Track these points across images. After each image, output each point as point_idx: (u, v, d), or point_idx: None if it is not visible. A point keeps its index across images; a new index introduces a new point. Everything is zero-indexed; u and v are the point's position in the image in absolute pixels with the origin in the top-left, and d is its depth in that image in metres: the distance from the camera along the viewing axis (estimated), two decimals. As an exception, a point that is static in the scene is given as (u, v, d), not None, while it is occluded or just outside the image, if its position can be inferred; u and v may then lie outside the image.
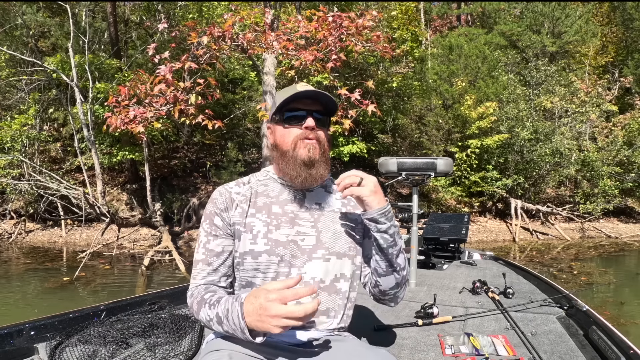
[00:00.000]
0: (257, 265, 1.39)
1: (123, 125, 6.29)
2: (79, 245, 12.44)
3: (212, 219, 1.47)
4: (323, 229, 1.46)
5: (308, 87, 1.45)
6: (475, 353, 2.03)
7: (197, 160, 16.87)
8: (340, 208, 1.53)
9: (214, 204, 1.48)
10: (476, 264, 4.34)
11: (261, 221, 1.43)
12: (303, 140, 1.43)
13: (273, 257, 1.38)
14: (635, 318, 6.47)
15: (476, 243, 13.98)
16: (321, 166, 1.45)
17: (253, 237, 1.40)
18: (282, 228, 1.42)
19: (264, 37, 6.64)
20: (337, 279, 1.44)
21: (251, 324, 1.18)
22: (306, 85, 1.47)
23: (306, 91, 1.42)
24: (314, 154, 1.42)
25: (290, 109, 1.46)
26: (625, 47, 24.90)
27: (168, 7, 15.81)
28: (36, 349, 1.93)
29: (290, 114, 1.46)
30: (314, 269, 1.41)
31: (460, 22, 32.08)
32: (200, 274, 1.45)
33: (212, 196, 1.51)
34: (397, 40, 15.27)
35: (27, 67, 13.22)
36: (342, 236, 1.47)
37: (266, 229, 1.41)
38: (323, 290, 1.42)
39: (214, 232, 1.46)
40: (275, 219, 1.43)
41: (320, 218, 1.48)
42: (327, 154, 1.48)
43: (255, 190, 1.51)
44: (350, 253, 1.48)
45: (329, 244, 1.44)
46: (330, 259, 1.43)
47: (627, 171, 16.58)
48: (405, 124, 16.58)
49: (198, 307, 1.35)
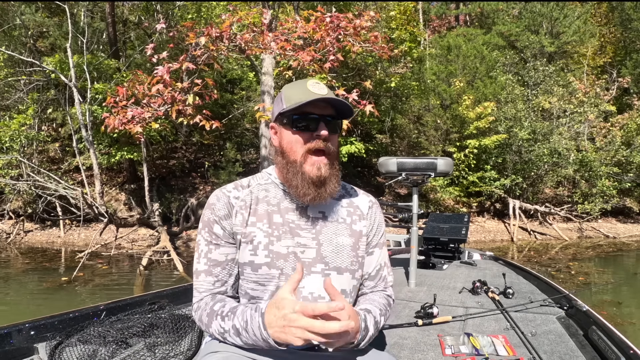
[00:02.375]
0: (256, 277, 1.33)
1: (121, 126, 6.29)
2: (77, 245, 12.42)
3: (212, 227, 1.36)
4: (324, 242, 1.37)
5: (320, 86, 1.34)
6: (475, 353, 2.03)
7: (195, 160, 16.86)
8: (345, 218, 1.44)
9: (211, 211, 1.37)
10: (476, 264, 4.34)
11: (262, 231, 1.34)
12: (313, 156, 1.32)
13: (273, 270, 1.31)
14: (633, 318, 6.49)
15: (474, 243, 13.99)
16: (332, 182, 1.35)
17: (253, 249, 1.33)
18: (282, 239, 1.34)
19: (262, 38, 6.64)
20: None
21: (273, 335, 1.13)
22: (317, 83, 1.35)
23: (323, 98, 1.30)
24: (325, 173, 1.32)
25: (301, 111, 1.33)
26: (623, 47, 24.92)
27: (166, 7, 15.79)
28: (36, 348, 1.92)
29: (300, 118, 1.33)
30: (313, 283, 1.34)
31: (458, 22, 32.11)
32: (204, 285, 1.36)
33: (209, 201, 1.39)
34: (396, 40, 15.29)
35: (26, 67, 13.19)
36: (344, 250, 1.39)
37: (267, 240, 1.33)
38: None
39: (215, 241, 1.36)
40: (277, 229, 1.35)
41: (323, 230, 1.38)
42: (337, 163, 1.39)
43: (256, 195, 1.41)
44: (352, 267, 1.40)
45: (329, 258, 1.36)
46: (330, 274, 1.35)
47: (625, 171, 16.61)
48: (404, 124, 16.60)
49: (209, 319, 1.28)
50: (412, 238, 3.55)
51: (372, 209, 1.51)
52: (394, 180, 3.59)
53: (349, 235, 1.42)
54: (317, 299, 1.34)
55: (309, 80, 1.35)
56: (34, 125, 13.66)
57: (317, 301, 1.33)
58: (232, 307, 1.26)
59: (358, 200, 1.51)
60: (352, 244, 1.41)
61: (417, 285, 3.54)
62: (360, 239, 1.44)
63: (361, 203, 1.50)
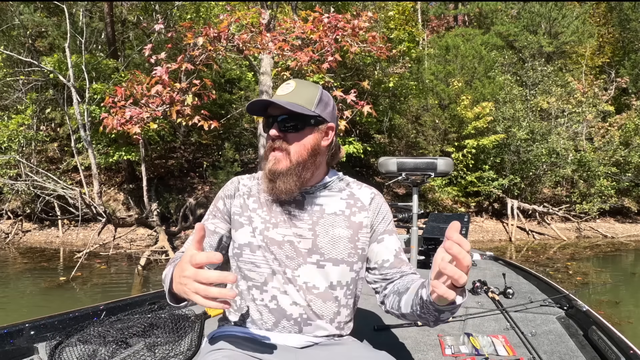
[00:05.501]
0: (254, 258, 1.40)
1: (119, 126, 6.29)
2: (76, 245, 12.41)
3: (217, 201, 1.53)
4: (320, 233, 1.40)
5: (288, 87, 1.40)
6: (475, 353, 2.03)
7: (194, 160, 16.84)
8: (343, 210, 1.45)
9: (223, 189, 1.54)
10: (476, 264, 4.34)
11: (260, 217, 1.43)
12: (271, 151, 1.40)
13: (267, 254, 1.38)
14: (631, 317, 6.51)
15: (473, 243, 14.00)
16: (287, 180, 1.36)
17: (252, 231, 1.42)
18: (279, 227, 1.40)
19: (260, 38, 6.65)
20: (334, 286, 1.39)
21: (176, 287, 1.12)
22: (287, 83, 1.42)
23: (255, 101, 1.37)
24: (275, 167, 1.36)
25: (266, 114, 1.43)
26: (621, 47, 24.97)
27: (165, 7, 15.77)
28: (36, 348, 1.92)
29: (265, 120, 1.44)
30: (307, 273, 1.38)
31: (457, 22, 32.12)
32: (187, 243, 1.43)
33: (226, 184, 1.56)
34: (394, 40, 15.29)
35: (24, 67, 13.15)
36: (341, 241, 1.40)
37: (263, 225, 1.41)
38: (317, 296, 1.37)
39: (214, 212, 1.51)
40: (274, 217, 1.42)
41: (319, 221, 1.41)
42: (301, 164, 1.37)
43: (262, 187, 1.47)
44: (350, 259, 1.41)
45: (325, 249, 1.39)
46: (325, 265, 1.38)
47: (623, 171, 16.64)
48: (402, 124, 16.61)
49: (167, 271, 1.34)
50: (412, 238, 3.55)
51: (375, 199, 1.52)
52: (394, 181, 3.59)
53: (347, 227, 1.43)
54: (312, 289, 1.38)
55: (285, 82, 1.43)
56: (32, 125, 13.62)
57: (312, 291, 1.38)
58: (175, 258, 1.39)
59: (360, 192, 1.52)
60: (350, 236, 1.42)
61: (417, 285, 3.53)
62: (361, 230, 1.44)
63: (362, 195, 1.51)
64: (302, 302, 1.36)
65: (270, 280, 1.38)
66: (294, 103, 1.34)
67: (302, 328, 1.37)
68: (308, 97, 1.38)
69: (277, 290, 1.37)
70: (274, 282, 1.38)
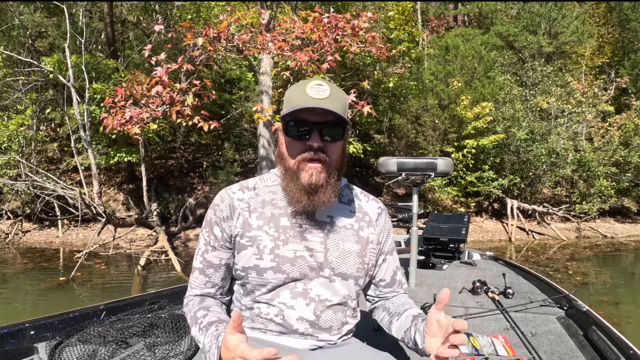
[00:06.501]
0: (262, 281, 1.32)
1: (119, 126, 6.29)
2: (76, 245, 12.40)
3: (212, 227, 1.37)
4: (331, 247, 1.35)
5: (322, 88, 1.25)
6: (475, 353, 2.03)
7: (193, 160, 16.84)
8: (352, 224, 1.41)
9: (214, 211, 1.37)
10: (476, 264, 4.34)
11: (268, 235, 1.32)
12: (308, 163, 1.27)
13: (279, 275, 1.31)
14: (630, 317, 6.50)
15: (472, 243, 13.99)
16: (327, 191, 1.28)
17: (259, 253, 1.31)
18: (290, 243, 1.32)
19: (260, 38, 6.65)
20: (342, 300, 1.38)
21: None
22: (319, 84, 1.26)
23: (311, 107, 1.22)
24: (317, 180, 1.26)
25: (295, 118, 1.27)
26: (621, 47, 24.99)
27: (165, 8, 15.76)
28: (36, 348, 1.92)
29: (294, 125, 1.28)
30: (317, 288, 1.34)
31: (457, 22, 32.14)
32: (196, 282, 1.39)
33: (214, 201, 1.39)
34: (394, 40, 15.29)
35: (24, 67, 13.15)
36: (350, 256, 1.37)
37: (273, 244, 1.32)
38: (325, 310, 1.35)
39: (213, 242, 1.37)
40: (284, 232, 1.33)
41: (330, 234, 1.36)
42: (336, 173, 1.32)
43: (262, 198, 1.38)
44: (357, 274, 1.39)
45: (335, 263, 1.35)
46: (335, 280, 1.35)
47: (623, 171, 16.66)
48: (402, 124, 16.62)
49: (190, 322, 1.31)
50: (412, 238, 3.54)
51: (382, 215, 1.50)
52: (394, 181, 3.59)
53: (356, 241, 1.40)
54: (320, 303, 1.35)
55: (311, 82, 1.27)
56: (32, 126, 13.62)
57: (320, 306, 1.35)
58: (208, 322, 1.25)
59: (367, 206, 1.49)
60: (359, 251, 1.40)
61: (417, 285, 3.53)
62: (368, 245, 1.42)
63: (370, 209, 1.49)
64: (309, 317, 1.34)
65: (277, 297, 1.34)
66: (334, 111, 1.24)
67: (307, 338, 1.36)
68: (343, 102, 1.29)
69: (284, 306, 1.33)
70: (281, 298, 1.33)
